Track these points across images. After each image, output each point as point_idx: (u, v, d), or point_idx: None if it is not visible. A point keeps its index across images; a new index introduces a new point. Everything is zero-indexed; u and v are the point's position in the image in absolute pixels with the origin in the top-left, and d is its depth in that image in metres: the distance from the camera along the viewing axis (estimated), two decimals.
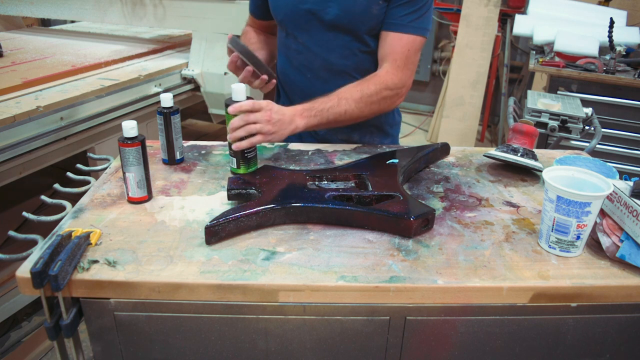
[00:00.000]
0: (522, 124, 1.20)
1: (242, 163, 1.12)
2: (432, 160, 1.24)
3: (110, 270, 0.82)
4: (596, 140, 1.88)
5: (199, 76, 2.34)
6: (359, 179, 1.08)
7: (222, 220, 0.89)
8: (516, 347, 0.87)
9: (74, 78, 2.06)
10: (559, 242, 0.88)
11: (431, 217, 0.94)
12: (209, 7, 2.28)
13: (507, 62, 3.77)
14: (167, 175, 1.14)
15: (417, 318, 0.84)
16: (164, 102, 1.14)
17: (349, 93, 1.18)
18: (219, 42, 2.31)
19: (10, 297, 1.80)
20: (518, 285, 0.82)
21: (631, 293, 0.83)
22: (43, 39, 2.73)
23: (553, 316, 0.85)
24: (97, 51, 2.45)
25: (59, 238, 0.82)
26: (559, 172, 0.92)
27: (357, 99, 1.18)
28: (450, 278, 0.82)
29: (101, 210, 0.99)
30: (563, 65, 2.51)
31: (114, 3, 2.49)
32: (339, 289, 0.81)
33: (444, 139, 3.23)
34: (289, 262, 0.85)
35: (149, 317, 0.83)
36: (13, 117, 1.62)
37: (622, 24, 2.80)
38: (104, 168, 1.19)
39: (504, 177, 1.18)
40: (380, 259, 0.86)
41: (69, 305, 0.81)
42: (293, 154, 1.26)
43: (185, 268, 0.83)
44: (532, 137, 1.19)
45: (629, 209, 0.85)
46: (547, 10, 2.93)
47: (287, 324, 0.84)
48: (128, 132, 0.98)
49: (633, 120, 2.48)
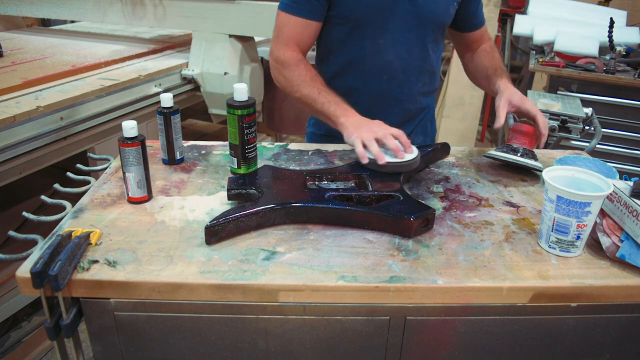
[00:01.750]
0: (521, 124, 1.19)
1: (242, 163, 1.12)
2: (432, 160, 1.24)
3: (110, 270, 0.82)
4: (596, 140, 1.88)
5: (199, 76, 2.34)
6: (359, 179, 1.08)
7: (222, 220, 0.89)
8: (516, 347, 0.87)
9: (74, 78, 2.07)
10: (559, 242, 0.88)
11: (431, 217, 0.94)
12: (209, 7, 2.28)
13: (507, 62, 3.77)
14: (167, 175, 1.14)
15: (417, 318, 0.84)
16: (164, 102, 1.14)
17: (498, 62, 1.34)
18: (219, 42, 2.31)
19: (10, 297, 1.80)
20: (518, 285, 0.82)
21: (631, 293, 0.83)
22: (43, 39, 2.73)
23: (553, 316, 0.85)
24: (97, 51, 2.45)
25: (59, 238, 0.82)
26: (559, 172, 0.92)
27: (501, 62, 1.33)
28: (450, 278, 0.82)
29: (101, 210, 0.99)
30: (563, 65, 2.51)
31: (114, 3, 2.49)
32: (339, 289, 0.81)
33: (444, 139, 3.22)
34: (289, 262, 0.85)
35: (149, 317, 0.83)
36: (13, 117, 1.62)
37: (622, 24, 2.80)
38: (104, 168, 1.19)
39: (504, 177, 1.18)
40: (380, 259, 0.86)
41: (69, 305, 0.81)
42: (293, 154, 1.26)
43: (185, 268, 0.83)
44: (531, 137, 1.18)
45: (629, 209, 0.85)
46: (547, 10, 2.93)
47: (287, 324, 0.84)
48: (128, 132, 0.98)
49: (633, 120, 2.48)
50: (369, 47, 1.25)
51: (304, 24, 1.21)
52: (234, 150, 1.11)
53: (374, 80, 1.29)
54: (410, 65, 1.28)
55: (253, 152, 1.12)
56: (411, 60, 1.28)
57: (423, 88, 1.35)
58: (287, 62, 1.22)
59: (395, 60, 1.27)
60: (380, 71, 1.28)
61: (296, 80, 1.20)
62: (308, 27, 1.22)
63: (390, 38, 1.24)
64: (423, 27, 1.25)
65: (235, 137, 1.09)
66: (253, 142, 1.11)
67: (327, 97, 1.17)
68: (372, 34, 1.24)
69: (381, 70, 1.28)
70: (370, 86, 1.30)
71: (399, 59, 1.27)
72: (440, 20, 1.28)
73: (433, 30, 1.28)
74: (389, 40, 1.25)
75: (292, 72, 1.21)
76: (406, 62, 1.28)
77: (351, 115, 1.14)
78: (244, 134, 1.08)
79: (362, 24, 1.23)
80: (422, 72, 1.32)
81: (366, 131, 1.09)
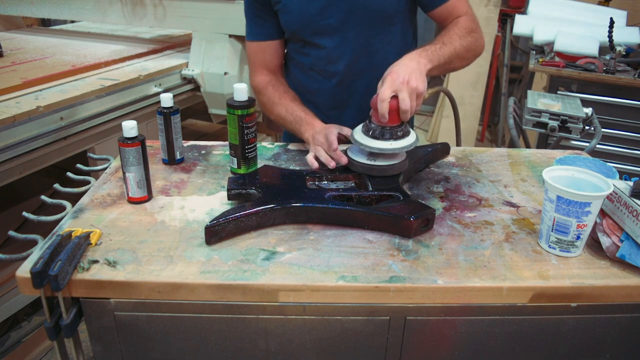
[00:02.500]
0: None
1: (242, 163, 1.12)
2: (432, 160, 1.24)
3: (110, 270, 0.82)
4: (596, 140, 1.87)
5: (199, 76, 2.34)
6: (359, 179, 1.08)
7: (222, 220, 0.89)
8: (516, 347, 0.87)
9: (74, 78, 2.06)
10: (559, 242, 0.88)
11: (431, 217, 0.94)
12: (209, 7, 2.28)
13: (507, 62, 3.77)
14: (167, 175, 1.14)
15: (417, 318, 0.84)
16: (164, 102, 1.14)
17: (447, 36, 1.14)
18: (219, 42, 2.31)
19: (10, 297, 1.80)
20: (518, 285, 0.82)
21: (631, 293, 0.83)
22: (43, 39, 2.73)
23: (553, 316, 0.85)
24: (97, 51, 2.45)
25: (59, 238, 0.82)
26: (559, 172, 0.92)
27: (457, 36, 1.14)
28: (450, 278, 0.82)
29: (101, 210, 0.99)
30: (563, 65, 2.51)
31: (114, 3, 2.49)
32: (339, 289, 0.81)
33: (444, 139, 3.23)
34: (289, 262, 0.85)
35: (149, 317, 0.83)
36: (13, 117, 1.62)
37: (622, 24, 2.80)
38: (104, 168, 1.19)
39: (504, 177, 1.18)
40: (380, 259, 0.86)
41: (69, 305, 0.81)
42: (293, 154, 1.26)
43: (185, 268, 0.83)
44: (392, 113, 1.00)
45: (629, 209, 0.85)
46: (547, 10, 2.93)
47: (287, 324, 0.84)
48: (128, 132, 0.98)
49: (633, 120, 2.48)
50: (314, 55, 1.28)
51: (263, 46, 1.30)
52: (234, 150, 1.11)
53: (326, 84, 1.32)
54: (358, 64, 1.27)
55: (253, 152, 1.12)
56: (358, 58, 1.27)
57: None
58: (257, 87, 1.32)
59: (340, 62, 1.27)
60: (329, 75, 1.30)
61: (268, 103, 1.29)
62: (268, 48, 1.30)
63: (330, 42, 1.25)
64: (363, 23, 1.22)
65: (235, 137, 1.09)
66: (253, 142, 1.11)
67: (294, 115, 1.23)
68: (314, 43, 1.26)
69: (329, 75, 1.30)
70: (324, 90, 1.33)
71: (345, 61, 1.27)
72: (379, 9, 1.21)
73: (376, 23, 1.23)
74: (330, 44, 1.25)
75: (263, 96, 1.30)
76: (353, 62, 1.27)
77: (311, 129, 1.19)
78: (244, 134, 1.08)
79: (302, 35, 1.26)
80: (375, 68, 1.25)
81: (314, 143, 1.15)
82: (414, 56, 1.05)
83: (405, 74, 0.98)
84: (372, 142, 1.02)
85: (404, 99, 0.97)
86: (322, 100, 1.34)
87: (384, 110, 0.97)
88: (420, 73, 1.01)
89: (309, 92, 1.35)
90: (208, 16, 2.30)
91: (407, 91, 0.97)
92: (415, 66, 1.01)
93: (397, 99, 0.98)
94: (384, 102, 0.97)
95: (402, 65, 1.00)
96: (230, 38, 2.29)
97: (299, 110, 1.24)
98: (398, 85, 0.97)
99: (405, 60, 1.02)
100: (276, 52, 1.32)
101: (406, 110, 0.98)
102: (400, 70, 0.99)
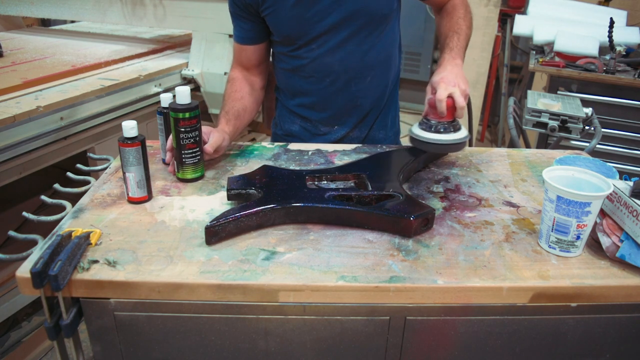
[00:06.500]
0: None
1: (179, 167, 1.09)
2: (432, 160, 1.24)
3: (110, 270, 0.82)
4: (596, 140, 1.87)
5: (199, 76, 2.34)
6: (358, 179, 1.08)
7: (222, 220, 0.89)
8: (516, 347, 0.87)
9: (74, 78, 2.06)
10: (559, 242, 0.88)
11: (431, 217, 0.94)
12: (209, 7, 2.28)
13: (507, 62, 3.77)
14: (167, 175, 1.14)
15: (417, 318, 0.84)
16: (164, 102, 1.14)
17: (455, 25, 1.27)
18: (219, 42, 2.31)
19: (10, 297, 1.80)
20: (518, 285, 0.82)
21: (631, 293, 0.83)
22: (43, 39, 2.73)
23: (553, 316, 0.85)
24: (97, 51, 2.45)
25: (59, 238, 0.82)
26: (559, 172, 0.92)
27: (462, 20, 1.28)
28: (450, 278, 0.82)
29: (101, 210, 0.99)
30: (563, 65, 2.51)
31: (114, 3, 2.49)
32: (339, 289, 0.81)
33: None
34: (289, 262, 0.85)
35: (149, 317, 0.83)
36: (13, 117, 1.62)
37: (622, 24, 2.80)
38: (104, 168, 1.19)
39: (504, 177, 1.18)
40: (380, 259, 0.86)
41: (69, 305, 0.81)
42: (293, 154, 1.26)
43: (185, 268, 0.83)
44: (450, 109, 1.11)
45: (629, 209, 0.85)
46: (547, 10, 2.93)
47: (287, 324, 0.84)
48: (128, 132, 0.98)
49: (633, 120, 2.48)
50: (306, 57, 1.29)
51: (240, 48, 1.36)
52: (174, 152, 1.09)
53: (319, 85, 1.32)
54: (351, 64, 1.28)
55: (191, 159, 1.08)
56: (351, 58, 1.28)
57: (373, 82, 1.34)
58: (228, 79, 1.39)
59: (333, 63, 1.28)
60: (322, 75, 1.31)
61: (224, 95, 1.35)
62: (244, 51, 1.35)
63: (324, 45, 1.26)
64: (358, 26, 1.24)
65: (174, 140, 1.07)
66: (191, 147, 1.07)
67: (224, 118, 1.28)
68: (306, 46, 1.27)
69: (322, 75, 1.31)
70: (318, 90, 1.34)
71: (338, 61, 1.28)
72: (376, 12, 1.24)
73: (372, 24, 1.25)
74: (324, 47, 1.26)
75: (226, 88, 1.37)
76: (346, 62, 1.28)
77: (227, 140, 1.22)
78: (180, 138, 1.06)
79: (295, 38, 1.27)
80: (368, 67, 1.30)
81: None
82: (451, 60, 1.19)
83: (454, 79, 1.12)
84: (439, 136, 1.12)
85: (458, 98, 1.09)
86: (315, 101, 1.35)
87: (443, 108, 1.09)
88: (463, 75, 1.15)
89: (300, 92, 1.36)
90: (208, 16, 2.30)
91: (459, 92, 1.10)
92: (458, 71, 1.16)
93: (452, 99, 1.10)
94: (442, 101, 1.08)
95: (449, 72, 1.14)
96: (230, 38, 2.29)
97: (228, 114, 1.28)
98: (451, 88, 1.10)
99: (449, 67, 1.16)
100: (253, 54, 1.35)
101: (462, 107, 1.10)
102: (449, 77, 1.12)
